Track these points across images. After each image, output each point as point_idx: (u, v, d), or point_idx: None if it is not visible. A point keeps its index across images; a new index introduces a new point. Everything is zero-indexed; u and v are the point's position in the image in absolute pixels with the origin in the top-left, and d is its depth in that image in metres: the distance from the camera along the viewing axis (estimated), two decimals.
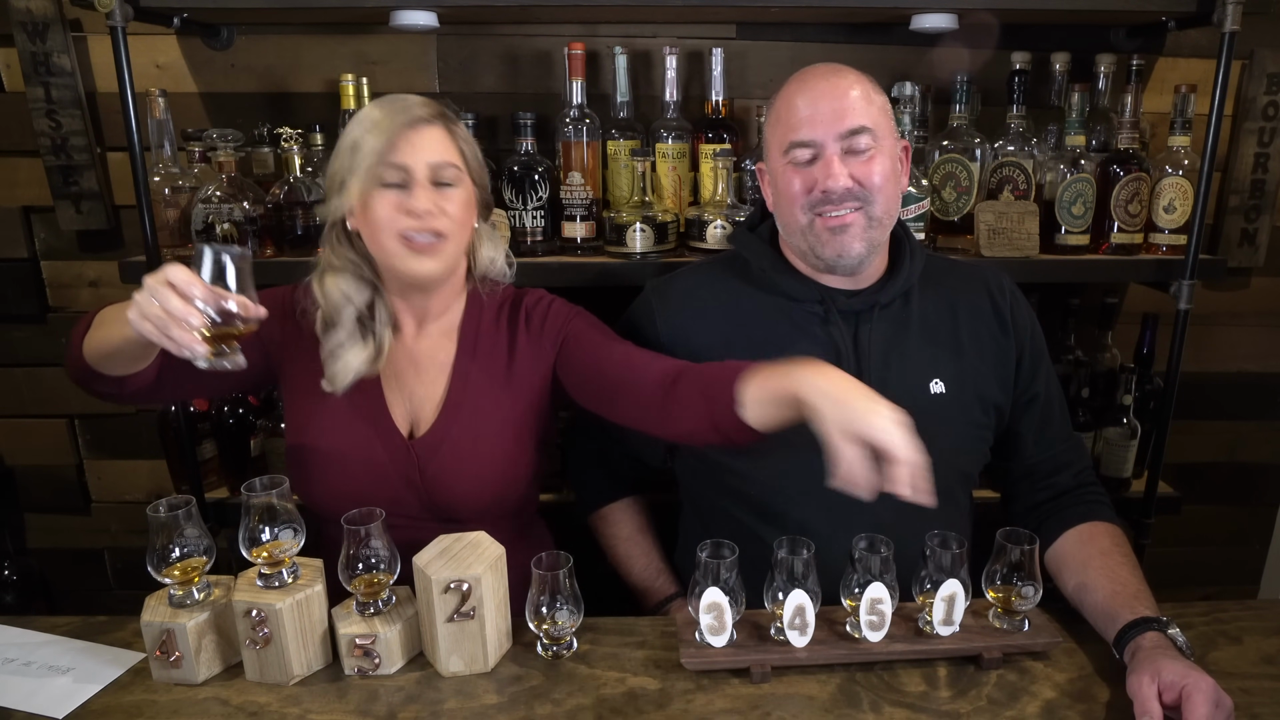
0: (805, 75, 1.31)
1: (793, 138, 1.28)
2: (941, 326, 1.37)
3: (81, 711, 1.08)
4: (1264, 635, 1.23)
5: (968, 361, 1.36)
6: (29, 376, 2.09)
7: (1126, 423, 1.85)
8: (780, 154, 1.30)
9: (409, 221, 1.23)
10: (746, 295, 1.39)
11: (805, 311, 1.35)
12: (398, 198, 1.23)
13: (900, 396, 1.26)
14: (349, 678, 1.13)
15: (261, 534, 1.11)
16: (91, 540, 2.22)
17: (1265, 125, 1.98)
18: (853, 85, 1.28)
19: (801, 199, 1.28)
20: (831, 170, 1.25)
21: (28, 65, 1.85)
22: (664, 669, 1.16)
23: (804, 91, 1.28)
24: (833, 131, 1.26)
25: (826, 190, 1.26)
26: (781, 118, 1.30)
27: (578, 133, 1.72)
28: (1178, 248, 1.73)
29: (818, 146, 1.27)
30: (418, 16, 1.64)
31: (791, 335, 1.34)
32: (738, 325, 1.37)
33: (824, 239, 1.28)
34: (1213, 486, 2.27)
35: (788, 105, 1.29)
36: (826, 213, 1.27)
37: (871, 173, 1.26)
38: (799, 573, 1.12)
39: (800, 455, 1.28)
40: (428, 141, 1.24)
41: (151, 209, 1.64)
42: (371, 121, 1.23)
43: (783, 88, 1.33)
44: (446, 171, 1.25)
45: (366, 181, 1.22)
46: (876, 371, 1.32)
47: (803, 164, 1.28)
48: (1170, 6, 1.65)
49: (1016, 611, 1.18)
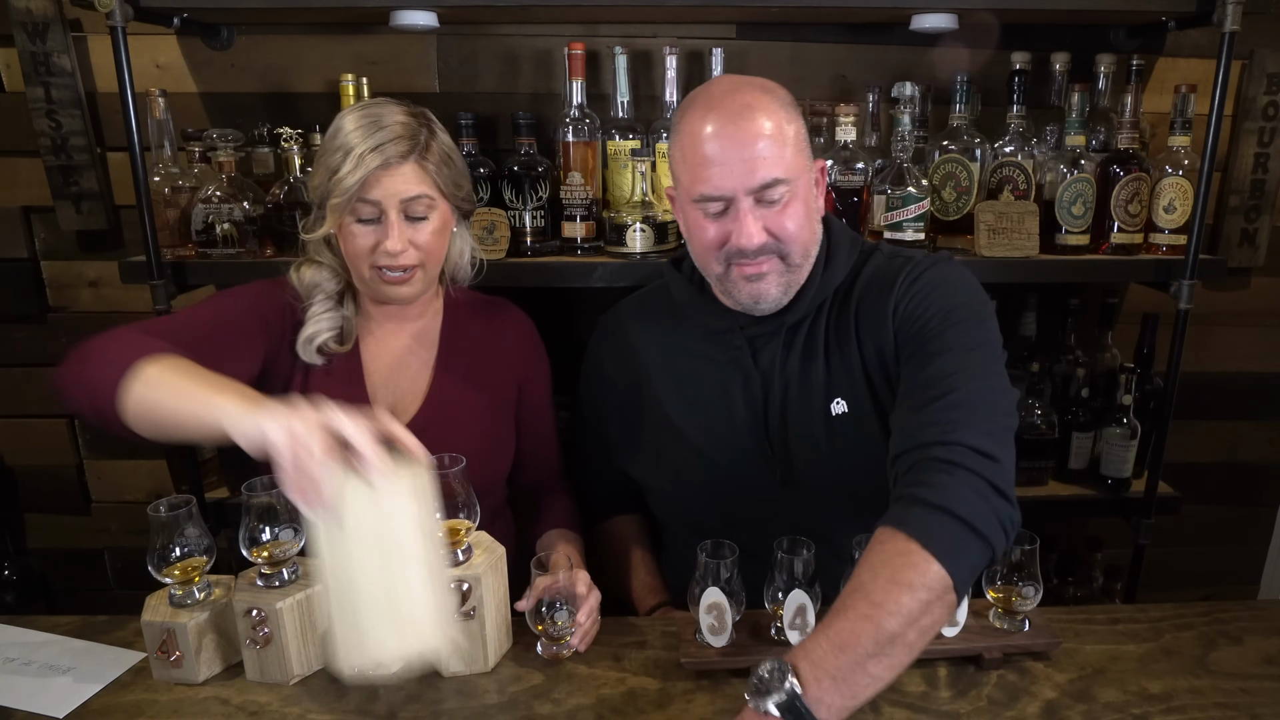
0: (710, 113, 1.19)
1: (703, 190, 1.20)
2: (844, 340, 1.29)
3: (82, 711, 1.08)
4: (1264, 635, 1.23)
5: (864, 373, 1.28)
6: (29, 376, 2.09)
7: (1126, 423, 1.85)
8: (687, 201, 1.24)
9: (383, 259, 1.28)
10: (671, 330, 1.42)
11: (718, 341, 1.36)
12: (371, 233, 1.28)
13: (801, 420, 1.31)
14: (349, 678, 1.13)
15: (261, 534, 1.11)
16: (91, 540, 2.21)
17: (1265, 125, 1.98)
18: (761, 130, 1.17)
19: (715, 250, 1.24)
20: (745, 229, 1.19)
21: (28, 65, 1.85)
22: (664, 669, 1.16)
23: (712, 139, 1.18)
24: (744, 185, 1.18)
25: (740, 248, 1.21)
26: (688, 159, 1.21)
27: (578, 133, 1.72)
28: (1178, 248, 1.73)
29: (729, 200, 1.20)
30: (418, 16, 1.64)
31: (708, 366, 1.38)
32: (664, 359, 1.42)
33: (740, 286, 1.26)
34: (1213, 486, 2.26)
35: (694, 146, 1.19)
36: (742, 264, 1.23)
37: (784, 223, 1.21)
38: (799, 573, 1.12)
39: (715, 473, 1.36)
40: (400, 181, 1.26)
41: (151, 209, 1.63)
42: (349, 149, 1.24)
43: (686, 115, 1.22)
44: (418, 205, 1.28)
45: (342, 213, 1.27)
46: (777, 396, 1.32)
47: (714, 215, 1.22)
48: (1170, 6, 1.65)
49: (1017, 612, 1.18)
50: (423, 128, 1.29)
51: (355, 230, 1.28)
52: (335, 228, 1.29)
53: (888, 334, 1.24)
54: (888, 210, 1.66)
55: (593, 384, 1.53)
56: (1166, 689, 1.11)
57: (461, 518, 1.12)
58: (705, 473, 1.37)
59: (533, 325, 1.54)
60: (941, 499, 0.99)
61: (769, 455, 1.33)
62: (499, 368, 1.46)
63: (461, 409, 1.41)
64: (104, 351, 1.10)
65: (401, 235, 1.27)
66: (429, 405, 1.40)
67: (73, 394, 1.11)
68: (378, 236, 1.27)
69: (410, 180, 1.26)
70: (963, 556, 0.96)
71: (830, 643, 0.90)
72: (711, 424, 1.36)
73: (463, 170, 1.36)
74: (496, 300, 1.53)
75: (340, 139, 1.26)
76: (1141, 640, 1.21)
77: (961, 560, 0.96)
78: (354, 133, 1.25)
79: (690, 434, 1.37)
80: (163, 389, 1.04)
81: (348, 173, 1.23)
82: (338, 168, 1.24)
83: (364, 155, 1.23)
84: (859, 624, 0.90)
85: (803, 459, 1.31)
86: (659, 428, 1.41)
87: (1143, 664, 1.16)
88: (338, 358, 1.37)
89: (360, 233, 1.28)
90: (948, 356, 1.15)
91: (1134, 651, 1.19)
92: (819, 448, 1.30)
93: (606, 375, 1.49)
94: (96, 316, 2.05)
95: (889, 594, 0.92)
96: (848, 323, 1.29)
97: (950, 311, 1.20)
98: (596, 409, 1.53)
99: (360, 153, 1.23)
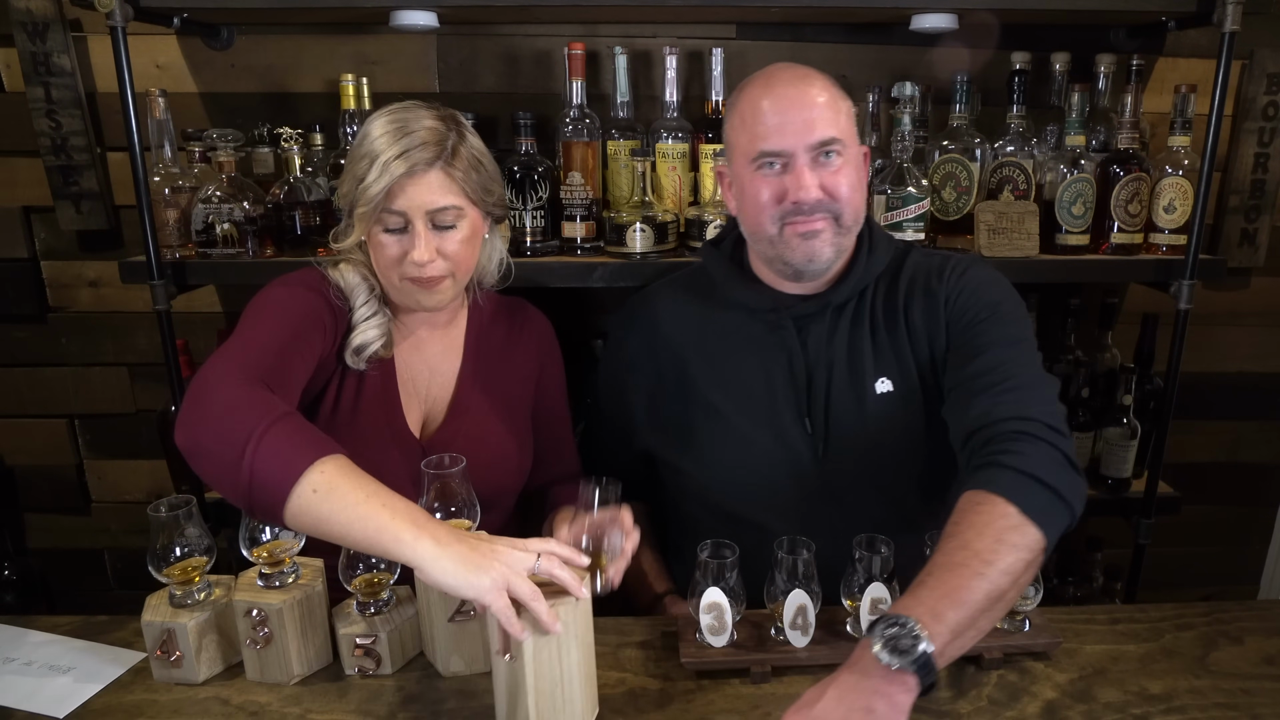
0: (771, 80, 1.28)
1: (762, 146, 1.25)
2: (892, 323, 1.36)
3: (82, 711, 1.08)
4: (1264, 635, 1.23)
5: (913, 356, 1.34)
6: (29, 376, 2.09)
7: (1126, 423, 1.85)
8: (747, 161, 1.28)
9: (411, 269, 1.26)
10: (706, 311, 1.42)
11: (760, 321, 1.37)
12: (398, 242, 1.26)
13: (845, 397, 1.34)
14: (349, 678, 1.13)
15: (261, 534, 1.11)
16: (91, 540, 2.22)
17: (1265, 125, 1.98)
18: (820, 92, 1.26)
19: (772, 209, 1.27)
20: (803, 182, 1.24)
21: (28, 65, 1.85)
22: (664, 669, 1.16)
23: (772, 98, 1.26)
24: (803, 142, 1.24)
25: (798, 201, 1.25)
26: (747, 124, 1.27)
27: (578, 133, 1.72)
28: (1178, 248, 1.73)
29: (788, 157, 1.25)
30: (418, 16, 1.64)
31: (745, 348, 1.38)
32: (700, 339, 1.41)
33: (793, 245, 1.28)
34: (1213, 486, 2.26)
35: (754, 111, 1.26)
36: (797, 221, 1.27)
37: (840, 183, 1.26)
38: (799, 573, 1.13)
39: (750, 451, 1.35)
40: (426, 191, 1.24)
41: (151, 209, 1.63)
42: (375, 154, 1.22)
43: (745, 90, 1.30)
44: (445, 215, 1.26)
45: (370, 222, 1.26)
46: (822, 374, 1.34)
47: (772, 173, 1.27)
48: (1170, 6, 1.65)
49: (1017, 612, 1.18)
50: (451, 132, 1.26)
51: (383, 240, 1.26)
52: (364, 236, 1.28)
53: (939, 323, 1.32)
54: (888, 210, 1.66)
55: (616, 368, 1.51)
56: (1167, 689, 1.11)
57: (462, 518, 1.12)
58: (740, 452, 1.36)
59: (549, 325, 1.53)
60: (1030, 466, 1.04)
61: (808, 433, 1.34)
62: (519, 371, 1.46)
63: (486, 415, 1.41)
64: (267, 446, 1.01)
65: (429, 245, 1.25)
66: (455, 413, 1.39)
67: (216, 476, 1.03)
68: (405, 246, 1.25)
69: (436, 189, 1.24)
70: (1053, 521, 1.02)
71: (950, 600, 0.92)
72: (751, 402, 1.36)
73: (493, 174, 1.34)
74: (516, 301, 1.52)
75: (367, 145, 1.24)
76: (1141, 640, 1.21)
77: (1052, 525, 1.01)
78: (380, 139, 1.23)
79: (727, 412, 1.37)
80: (333, 504, 1.00)
81: (373, 181, 1.21)
82: (364, 175, 1.23)
83: (389, 163, 1.21)
84: (974, 581, 0.94)
85: (842, 437, 1.33)
86: (693, 407, 1.40)
87: (1143, 664, 1.16)
88: (376, 364, 1.35)
89: (388, 242, 1.26)
90: (999, 349, 1.23)
91: (1134, 651, 1.19)
92: (861, 425, 1.33)
93: (632, 358, 1.47)
94: (96, 316, 2.06)
95: (998, 553, 0.96)
96: (895, 307, 1.35)
97: (996, 306, 1.29)
98: (617, 394, 1.50)
99: (385, 160, 1.21)
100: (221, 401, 1.05)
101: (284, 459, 1.00)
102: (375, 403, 1.35)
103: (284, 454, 1.00)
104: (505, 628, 0.94)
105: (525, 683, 0.94)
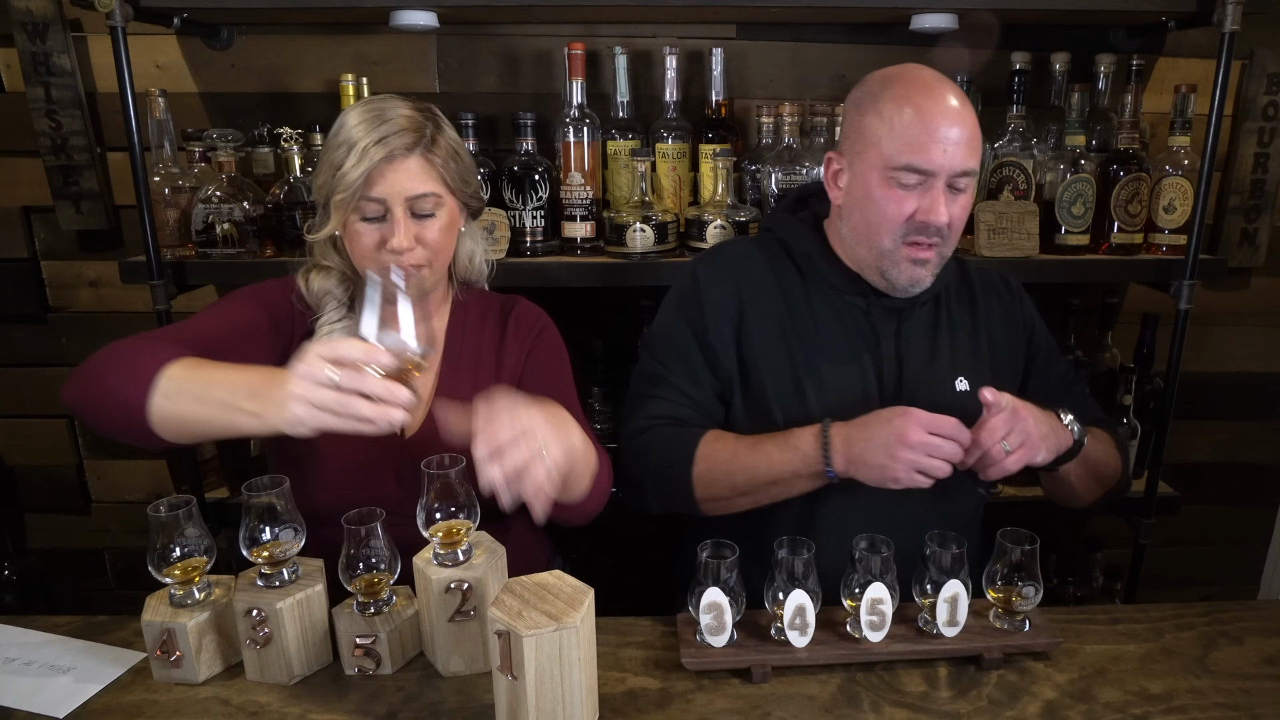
0: (931, 92, 1.23)
1: (911, 160, 1.22)
2: (964, 327, 1.40)
3: (82, 711, 1.08)
4: (1264, 635, 1.23)
5: (986, 361, 1.40)
6: (29, 376, 2.09)
7: (1126, 423, 1.85)
8: (884, 167, 1.24)
9: (389, 257, 1.25)
10: (790, 277, 1.38)
11: (846, 302, 1.36)
12: (377, 230, 1.25)
13: (931, 392, 1.34)
14: (349, 678, 1.13)
15: (261, 534, 1.11)
16: (91, 540, 2.22)
17: (1265, 125, 1.98)
18: (972, 117, 1.23)
19: (897, 225, 1.25)
20: (938, 207, 1.23)
21: (28, 65, 1.85)
22: (664, 669, 1.16)
23: (932, 114, 1.21)
24: (950, 167, 1.22)
25: (927, 224, 1.24)
26: (897, 130, 1.22)
27: (578, 133, 1.72)
28: (1178, 248, 1.73)
29: (931, 177, 1.22)
30: (418, 16, 1.64)
31: (836, 322, 1.35)
32: (786, 305, 1.37)
33: (902, 267, 1.28)
34: (1213, 486, 2.27)
35: (910, 120, 1.22)
36: (918, 242, 1.26)
37: (960, 216, 1.27)
38: (799, 573, 1.13)
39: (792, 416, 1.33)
40: (405, 176, 1.23)
41: (151, 209, 1.64)
42: (351, 144, 1.22)
43: (898, 91, 1.24)
44: (425, 202, 1.25)
45: (347, 210, 1.24)
46: (913, 367, 1.34)
47: (908, 189, 1.24)
48: (1170, 6, 1.65)
49: (1017, 612, 1.18)
50: (429, 121, 1.26)
51: (360, 229, 1.25)
52: (340, 227, 1.26)
53: (1021, 335, 1.45)
54: None
55: (700, 305, 1.38)
56: (1167, 689, 1.11)
57: (461, 518, 1.12)
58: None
59: (539, 313, 1.47)
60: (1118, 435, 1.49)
61: None
62: (503, 365, 1.42)
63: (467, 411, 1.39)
64: (119, 364, 1.10)
65: (408, 232, 1.24)
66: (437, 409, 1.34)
67: (92, 412, 1.11)
68: (383, 234, 1.24)
69: (416, 175, 1.24)
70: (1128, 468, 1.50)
71: (1092, 436, 1.36)
72: (832, 381, 1.33)
73: (470, 167, 1.33)
74: (507, 298, 1.49)
75: (344, 134, 1.23)
76: (1142, 640, 1.21)
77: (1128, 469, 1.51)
78: (357, 127, 1.22)
79: (806, 388, 1.33)
80: (183, 399, 1.06)
81: (351, 167, 1.20)
82: (341, 163, 1.21)
83: (368, 149, 1.20)
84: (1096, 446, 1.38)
85: None
86: (770, 373, 1.35)
87: (1143, 664, 1.16)
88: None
89: (365, 230, 1.25)
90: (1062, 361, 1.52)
91: (1134, 651, 1.19)
92: None
93: (717, 302, 1.38)
94: (96, 316, 2.06)
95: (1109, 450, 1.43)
96: (968, 311, 1.41)
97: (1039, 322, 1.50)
98: (698, 328, 1.39)
99: (364, 146, 1.20)
100: (109, 351, 1.13)
101: (135, 370, 1.08)
102: None
103: (136, 366, 1.08)
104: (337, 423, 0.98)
105: (527, 702, 0.95)
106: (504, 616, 0.95)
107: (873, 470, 1.20)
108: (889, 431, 1.18)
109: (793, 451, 1.26)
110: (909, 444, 1.16)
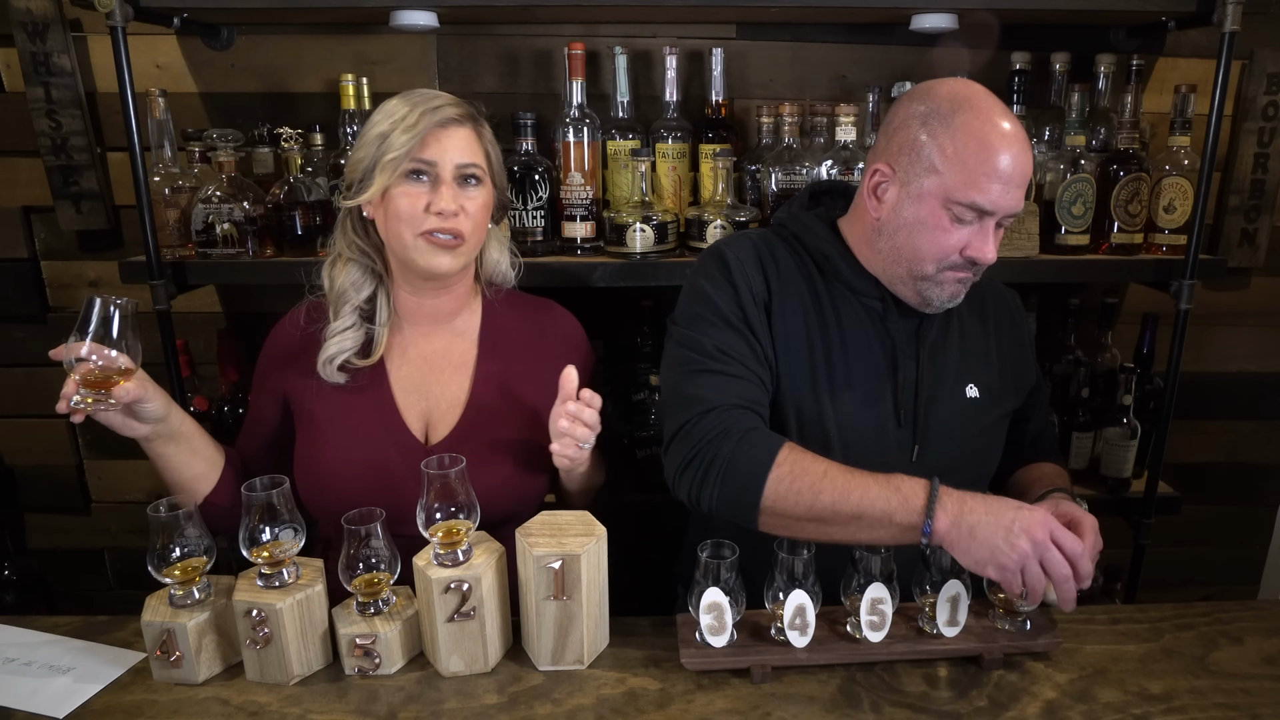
0: (1000, 128, 1.19)
1: (977, 198, 1.19)
2: (975, 337, 1.41)
3: (82, 711, 1.08)
4: (1264, 635, 1.23)
5: (996, 371, 1.41)
6: (29, 376, 2.09)
7: (1126, 423, 1.85)
8: (945, 198, 1.21)
9: (433, 220, 1.25)
10: (811, 272, 1.36)
11: (864, 304, 1.35)
12: (422, 193, 1.26)
13: (943, 398, 1.35)
14: (349, 678, 1.14)
15: (261, 534, 1.11)
16: (91, 540, 2.22)
17: (1265, 125, 1.98)
18: (1030, 157, 1.23)
19: (945, 256, 1.24)
20: (989, 246, 1.23)
21: (28, 65, 1.85)
22: (664, 669, 1.16)
23: (1002, 153, 1.18)
24: (1008, 209, 1.21)
25: (977, 261, 1.23)
26: (969, 164, 1.18)
27: (578, 133, 1.72)
28: (1178, 248, 1.73)
29: (989, 216, 1.21)
30: (418, 16, 1.64)
31: (855, 323, 1.34)
32: (813, 299, 1.34)
33: (936, 291, 1.27)
34: (1213, 486, 2.27)
35: (984, 156, 1.18)
36: (960, 272, 1.26)
37: (997, 252, 1.26)
38: (799, 573, 1.13)
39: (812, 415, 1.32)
40: (456, 141, 1.27)
41: (151, 209, 1.63)
42: (401, 115, 1.24)
43: (964, 113, 1.19)
44: (473, 171, 1.28)
45: (392, 175, 1.24)
46: (928, 372, 1.34)
47: (964, 223, 1.22)
48: (1170, 6, 1.65)
49: (1017, 612, 1.18)
50: (474, 108, 1.32)
51: (405, 190, 1.25)
52: (380, 194, 1.26)
53: (1028, 354, 1.49)
54: None
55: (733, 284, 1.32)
56: (1167, 689, 1.11)
57: (461, 518, 1.12)
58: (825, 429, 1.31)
59: (577, 326, 1.48)
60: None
61: (899, 426, 1.33)
62: (539, 373, 1.36)
63: (500, 418, 1.36)
64: None
65: (455, 196, 1.26)
66: (468, 415, 1.35)
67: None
68: (428, 197, 1.25)
69: (466, 145, 1.27)
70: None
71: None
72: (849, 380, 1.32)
73: (503, 169, 1.38)
74: (541, 301, 1.48)
75: (388, 111, 1.26)
76: (1142, 640, 1.21)
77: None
78: (404, 104, 1.26)
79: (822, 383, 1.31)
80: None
81: (404, 129, 1.23)
82: (389, 132, 1.24)
83: (423, 114, 1.24)
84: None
85: (935, 436, 1.34)
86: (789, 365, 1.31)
87: (1143, 664, 1.16)
88: (361, 372, 1.34)
89: (412, 192, 1.25)
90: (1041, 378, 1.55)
91: (1134, 651, 1.19)
92: (955, 427, 1.36)
93: (751, 281, 1.32)
94: None
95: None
96: (979, 322, 1.43)
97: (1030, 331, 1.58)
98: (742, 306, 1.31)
99: (420, 113, 1.24)
100: None
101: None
102: (365, 410, 1.34)
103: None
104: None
105: (582, 612, 1.12)
106: (553, 549, 1.10)
107: (981, 548, 1.09)
108: (1017, 518, 1.09)
109: (894, 492, 1.13)
110: (1035, 539, 1.07)
